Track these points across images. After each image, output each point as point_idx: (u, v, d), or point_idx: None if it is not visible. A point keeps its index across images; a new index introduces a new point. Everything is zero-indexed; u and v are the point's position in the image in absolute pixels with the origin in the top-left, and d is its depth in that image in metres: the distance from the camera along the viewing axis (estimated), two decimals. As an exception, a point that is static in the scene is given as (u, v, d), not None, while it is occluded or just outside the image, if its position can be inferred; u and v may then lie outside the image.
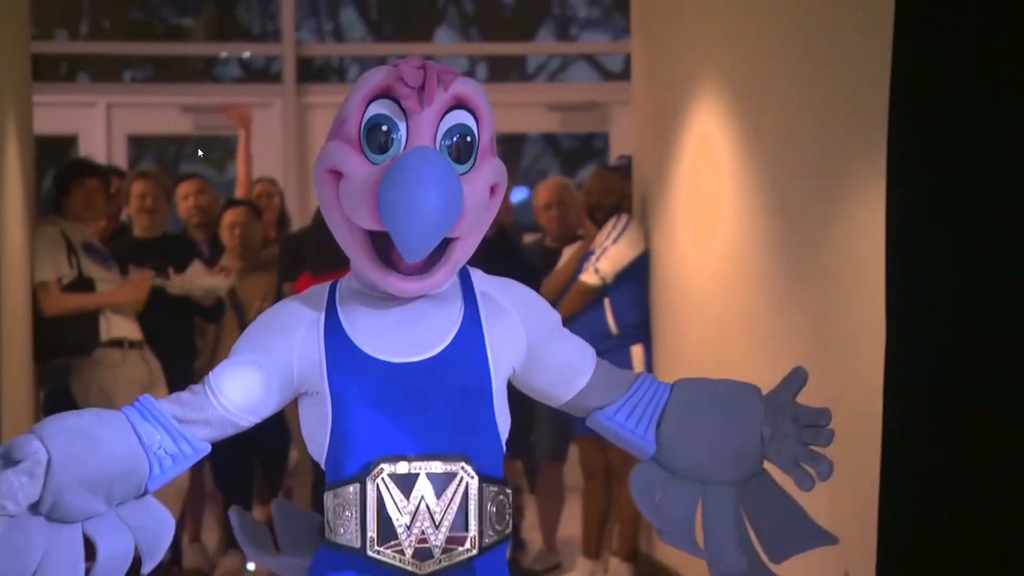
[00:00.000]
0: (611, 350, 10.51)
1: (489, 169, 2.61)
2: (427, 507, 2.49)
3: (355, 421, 2.53)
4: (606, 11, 17.11)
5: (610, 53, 17.27)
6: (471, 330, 2.57)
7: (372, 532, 2.47)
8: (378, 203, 2.37)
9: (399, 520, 2.48)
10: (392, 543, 2.48)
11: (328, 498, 2.60)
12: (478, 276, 2.73)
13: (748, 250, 9.68)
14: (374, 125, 2.51)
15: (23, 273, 9.37)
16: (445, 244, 2.50)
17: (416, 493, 2.49)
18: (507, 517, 2.65)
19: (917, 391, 5.35)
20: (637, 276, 11.36)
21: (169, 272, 10.03)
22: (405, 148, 2.48)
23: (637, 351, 11.21)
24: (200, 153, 16.24)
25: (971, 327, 5.19)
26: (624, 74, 15.48)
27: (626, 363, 11.14)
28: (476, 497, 2.53)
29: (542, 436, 11.79)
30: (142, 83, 16.44)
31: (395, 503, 2.48)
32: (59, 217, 9.71)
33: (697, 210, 10.77)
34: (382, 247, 2.45)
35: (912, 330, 5.48)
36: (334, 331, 2.60)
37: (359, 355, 2.54)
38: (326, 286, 2.77)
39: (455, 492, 2.51)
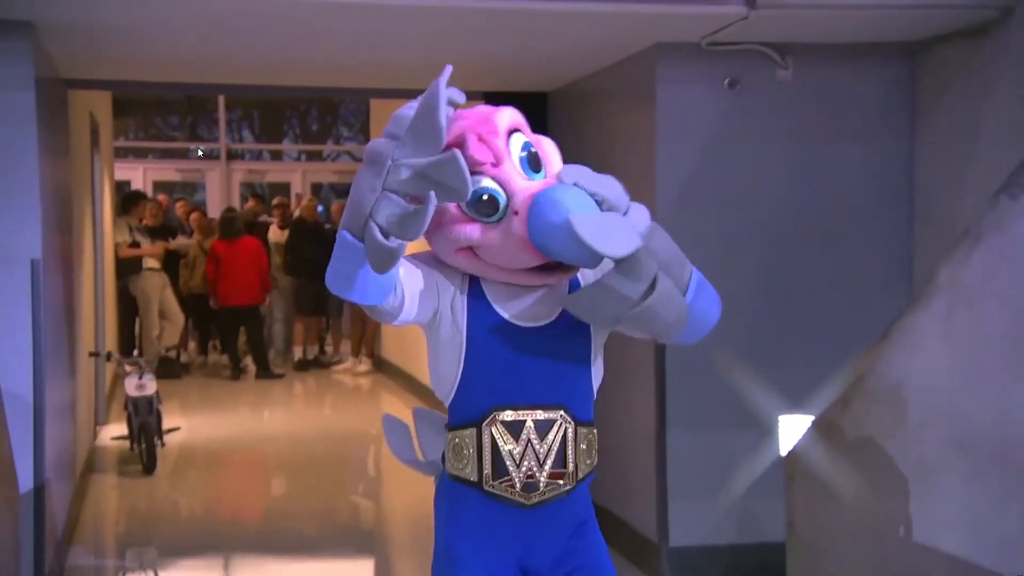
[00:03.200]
0: None
1: (555, 166, 2.70)
2: (533, 448, 2.64)
3: (480, 372, 2.65)
4: (355, 131, 21.80)
5: (359, 150, 20.65)
6: None
7: (487, 469, 2.65)
8: (542, 246, 2.42)
9: (510, 460, 2.63)
10: (504, 478, 2.64)
11: (450, 438, 2.77)
12: None
13: None
14: (477, 199, 2.52)
15: (111, 239, 13.82)
16: None
17: (523, 437, 2.64)
18: (595, 453, 2.82)
19: None
20: None
21: (169, 240, 16.06)
22: (506, 195, 2.52)
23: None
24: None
25: None
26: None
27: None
28: (573, 439, 2.69)
29: (335, 300, 15.71)
30: (158, 159, 20.54)
31: (506, 446, 2.63)
32: (126, 215, 15.10)
33: None
34: None
35: None
36: (476, 296, 2.69)
37: (496, 316, 2.66)
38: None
39: (556, 435, 2.66)
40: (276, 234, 16.62)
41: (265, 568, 7.21)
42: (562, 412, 2.68)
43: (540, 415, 2.66)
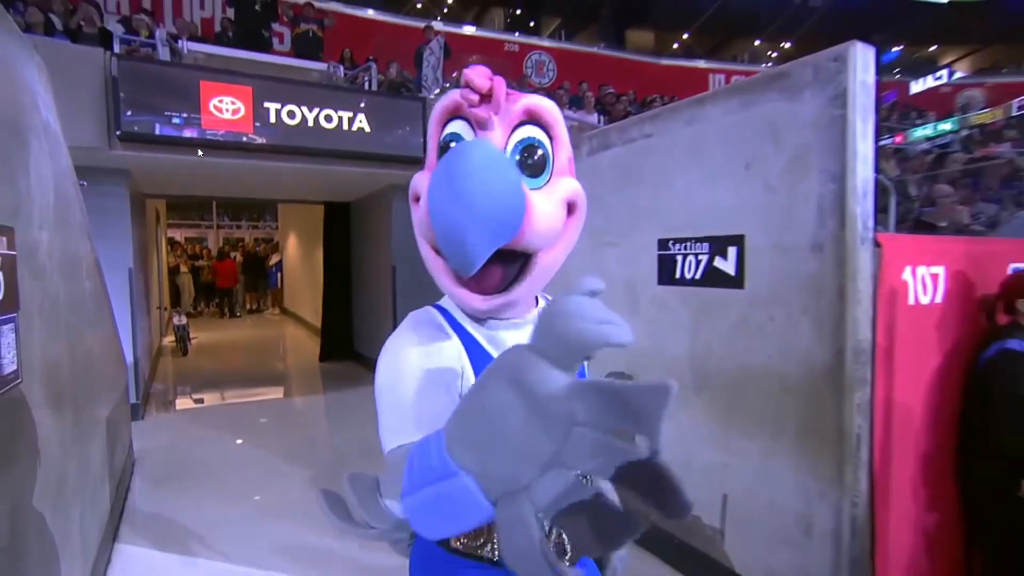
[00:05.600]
0: (271, 273, 14.62)
1: (563, 186, 0.91)
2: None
3: None
4: (271, 217, 17.45)
5: (271, 225, 18.09)
6: None
7: None
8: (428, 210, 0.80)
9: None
10: None
11: None
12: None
13: (315, 254, 10.33)
14: (445, 144, 0.89)
15: (166, 261, 11.74)
16: (525, 262, 0.88)
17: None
18: None
19: (334, 296, 7.85)
20: (278, 267, 14.65)
21: (199, 261, 13.94)
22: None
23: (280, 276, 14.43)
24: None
25: (343, 280, 7.87)
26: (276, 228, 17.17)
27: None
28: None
29: (263, 284, 14.58)
30: (187, 228, 17.05)
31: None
32: (172, 251, 13.93)
33: (297, 251, 12.50)
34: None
35: (332, 282, 7.88)
36: (474, 348, 0.90)
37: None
38: (428, 311, 0.96)
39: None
40: (239, 259, 14.98)
41: (240, 390, 6.64)
42: None
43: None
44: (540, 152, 0.90)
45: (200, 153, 4.75)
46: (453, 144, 0.90)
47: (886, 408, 2.03)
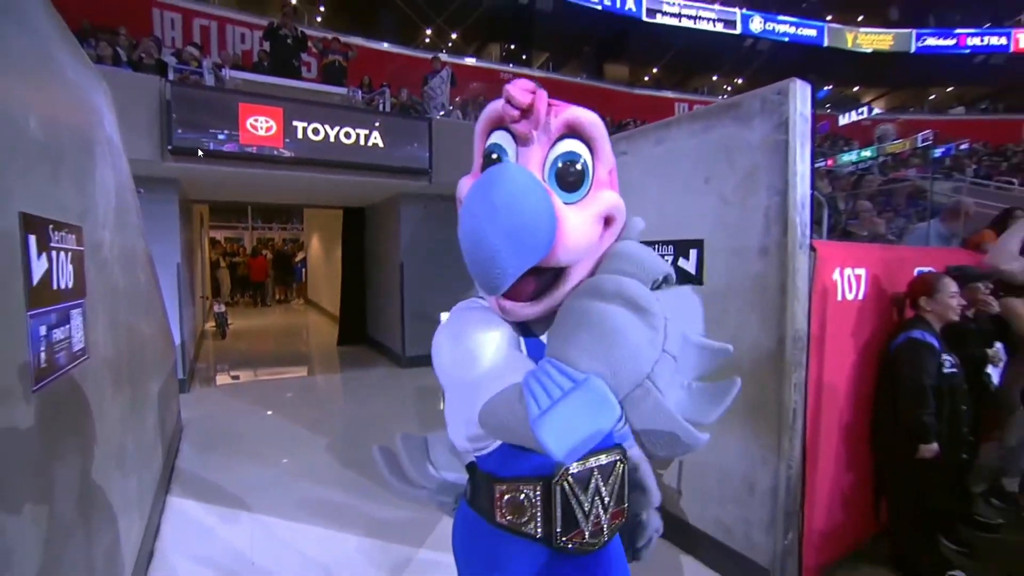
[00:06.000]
0: (296, 269, 13.85)
1: (602, 200, 0.83)
2: (600, 494, 0.92)
3: None
4: (298, 219, 16.28)
5: (297, 227, 17.25)
6: None
7: (559, 527, 0.91)
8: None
9: (580, 512, 0.91)
10: (574, 532, 0.92)
11: (501, 491, 0.91)
12: None
13: (334, 252, 9.42)
14: (487, 155, 0.82)
15: (208, 257, 11.16)
16: (558, 273, 0.82)
17: (592, 486, 0.92)
18: None
19: (350, 288, 7.46)
20: (303, 263, 13.99)
21: (235, 258, 13.46)
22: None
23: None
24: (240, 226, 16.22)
25: (358, 275, 7.33)
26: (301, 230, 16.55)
27: (298, 274, 13.82)
28: (627, 475, 0.97)
29: (290, 278, 13.98)
30: (226, 230, 16.37)
31: (578, 499, 0.91)
32: (213, 249, 13.19)
33: (319, 249, 11.70)
34: None
35: (349, 276, 7.40)
36: (520, 327, 0.85)
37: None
38: (474, 299, 0.92)
39: (616, 476, 0.94)
40: (269, 256, 14.64)
41: (270, 368, 6.53)
42: (619, 451, 0.97)
43: (603, 459, 0.95)
44: (579, 166, 0.83)
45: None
46: (495, 156, 0.84)
47: (817, 387, 2.07)
